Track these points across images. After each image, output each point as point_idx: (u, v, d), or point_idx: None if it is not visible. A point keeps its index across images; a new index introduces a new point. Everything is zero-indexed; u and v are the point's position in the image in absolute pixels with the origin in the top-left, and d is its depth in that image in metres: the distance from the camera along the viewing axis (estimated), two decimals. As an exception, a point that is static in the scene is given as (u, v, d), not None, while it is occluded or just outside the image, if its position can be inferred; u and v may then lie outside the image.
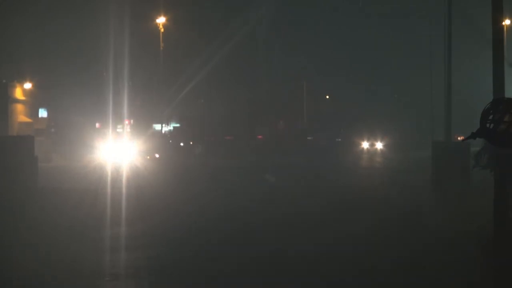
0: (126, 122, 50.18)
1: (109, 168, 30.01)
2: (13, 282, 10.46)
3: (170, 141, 54.02)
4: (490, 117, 5.83)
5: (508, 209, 11.41)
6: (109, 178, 27.08)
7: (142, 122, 55.93)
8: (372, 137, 68.75)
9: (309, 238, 14.06)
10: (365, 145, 68.24)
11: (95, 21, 48.84)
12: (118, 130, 49.29)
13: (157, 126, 54.16)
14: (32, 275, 10.73)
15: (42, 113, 55.65)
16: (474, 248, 12.59)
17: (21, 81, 50.32)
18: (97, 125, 54.63)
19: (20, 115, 50.23)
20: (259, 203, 20.61)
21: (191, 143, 56.20)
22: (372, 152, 63.55)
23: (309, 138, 67.97)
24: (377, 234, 14.47)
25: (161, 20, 47.61)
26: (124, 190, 23.93)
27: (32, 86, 51.10)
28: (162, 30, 47.69)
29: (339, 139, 69.46)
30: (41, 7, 50.36)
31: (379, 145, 67.81)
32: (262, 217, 17.29)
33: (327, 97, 79.00)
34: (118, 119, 48.23)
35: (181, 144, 55.77)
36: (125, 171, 30.26)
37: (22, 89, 50.84)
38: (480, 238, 13.19)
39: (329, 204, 19.88)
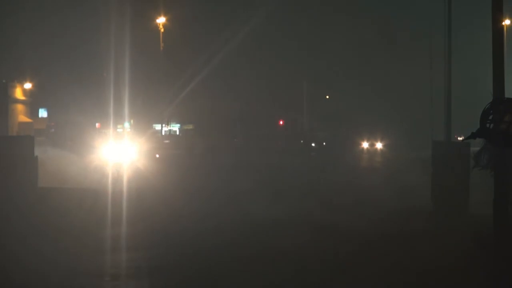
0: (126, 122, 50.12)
1: (109, 168, 29.93)
2: (13, 282, 10.46)
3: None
4: (490, 117, 5.82)
5: (508, 207, 11.41)
6: (109, 178, 27.01)
7: (142, 122, 55.86)
8: (372, 137, 68.67)
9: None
10: (365, 145, 68.19)
11: (96, 22, 48.89)
12: (118, 130, 49.25)
13: (157, 126, 54.15)
14: (32, 274, 10.73)
15: (42, 113, 55.72)
16: (474, 247, 12.60)
17: (21, 81, 50.34)
18: (97, 125, 54.59)
19: (20, 115, 50.23)
20: (259, 204, 20.57)
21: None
22: (372, 152, 63.53)
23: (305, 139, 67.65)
24: (377, 230, 14.48)
25: (161, 20, 47.60)
26: (124, 190, 23.88)
27: (32, 86, 51.11)
28: (162, 30, 47.67)
29: (338, 139, 69.30)
30: (42, 7, 50.40)
31: (379, 145, 67.76)
32: (259, 218, 17.29)
33: (327, 97, 78.95)
34: (119, 119, 48.18)
35: None
36: (125, 171, 30.18)
37: (22, 89, 50.84)
38: (480, 238, 13.19)
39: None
